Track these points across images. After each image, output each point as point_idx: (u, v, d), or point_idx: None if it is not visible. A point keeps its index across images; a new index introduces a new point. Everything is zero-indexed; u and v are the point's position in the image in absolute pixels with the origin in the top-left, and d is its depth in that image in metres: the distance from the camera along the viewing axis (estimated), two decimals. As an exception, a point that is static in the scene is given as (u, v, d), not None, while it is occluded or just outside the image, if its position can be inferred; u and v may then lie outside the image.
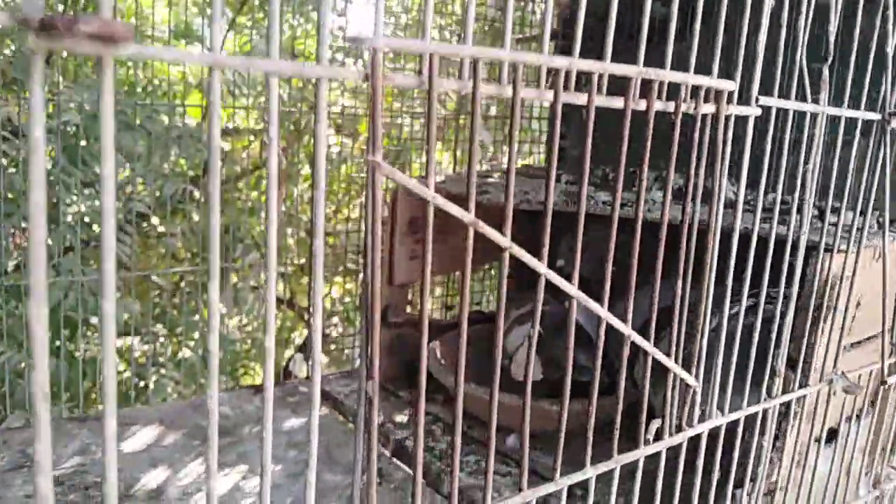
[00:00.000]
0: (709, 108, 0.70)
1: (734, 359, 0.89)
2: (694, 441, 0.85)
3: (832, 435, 1.18)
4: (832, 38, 0.82)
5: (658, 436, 0.81)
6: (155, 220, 3.21)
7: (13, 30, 2.67)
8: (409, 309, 1.98)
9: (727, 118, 0.73)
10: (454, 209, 0.58)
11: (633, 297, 0.71)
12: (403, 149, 2.71)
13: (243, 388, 1.93)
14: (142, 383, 3.05)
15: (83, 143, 2.76)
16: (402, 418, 1.74)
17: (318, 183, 0.48)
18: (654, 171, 1.66)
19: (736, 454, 0.96)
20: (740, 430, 0.93)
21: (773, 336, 0.94)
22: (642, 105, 0.65)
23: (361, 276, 3.17)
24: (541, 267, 0.62)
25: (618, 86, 0.64)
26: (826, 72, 0.83)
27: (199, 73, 3.21)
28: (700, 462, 0.87)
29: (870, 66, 0.91)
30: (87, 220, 3.05)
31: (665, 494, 0.81)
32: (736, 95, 0.72)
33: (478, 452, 1.55)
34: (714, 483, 0.92)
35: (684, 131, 0.69)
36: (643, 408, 0.78)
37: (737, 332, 0.87)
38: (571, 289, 0.64)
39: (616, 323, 0.69)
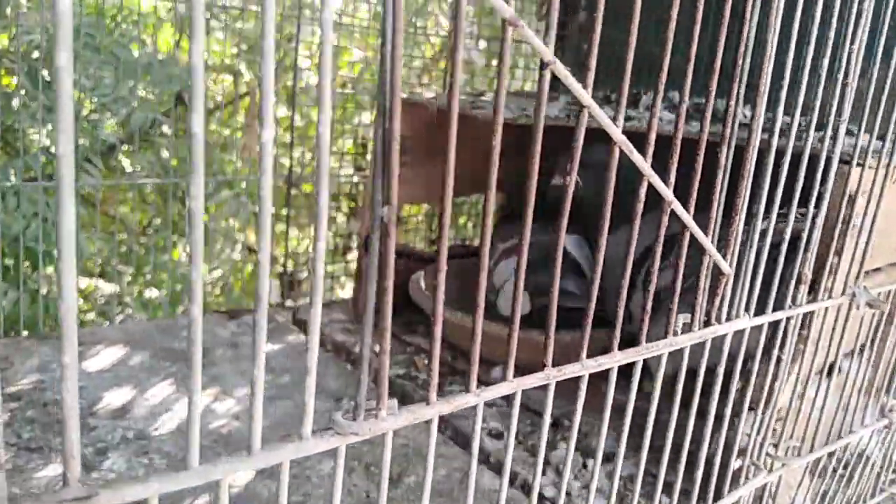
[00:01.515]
0: None
1: (762, 268, 0.81)
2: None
3: (830, 370, 1.12)
4: None
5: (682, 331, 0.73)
6: (122, 155, 3.07)
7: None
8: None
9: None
10: (604, 119, 0.50)
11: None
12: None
13: (217, 312, 1.84)
14: (105, 324, 2.93)
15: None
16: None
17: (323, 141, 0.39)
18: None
19: (756, 367, 0.90)
20: (762, 338, 0.87)
21: (800, 252, 0.87)
22: None
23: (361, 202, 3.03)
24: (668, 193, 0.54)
25: None
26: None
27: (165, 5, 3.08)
28: (720, 373, 0.80)
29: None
30: (52, 150, 2.91)
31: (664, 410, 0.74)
32: None
33: (462, 384, 1.47)
34: (729, 404, 0.85)
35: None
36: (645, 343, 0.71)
37: (764, 250, 0.81)
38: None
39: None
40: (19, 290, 2.35)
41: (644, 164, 0.60)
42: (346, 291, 3.20)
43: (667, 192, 0.64)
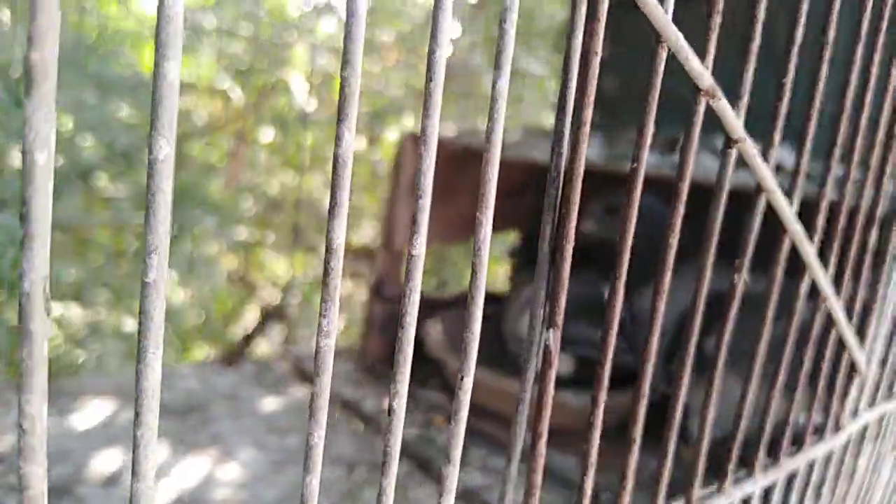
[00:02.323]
0: None
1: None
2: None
3: None
4: None
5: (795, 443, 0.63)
6: (103, 178, 2.93)
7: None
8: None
9: None
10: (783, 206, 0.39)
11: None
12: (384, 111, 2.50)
13: (210, 361, 1.71)
14: (81, 358, 2.78)
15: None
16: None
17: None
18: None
19: (861, 462, 0.79)
20: (870, 432, 0.77)
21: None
22: None
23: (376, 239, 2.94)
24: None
25: None
26: None
27: (151, 24, 2.96)
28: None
29: None
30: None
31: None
32: None
33: (485, 447, 1.36)
34: None
35: None
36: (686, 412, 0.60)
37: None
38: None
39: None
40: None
41: (812, 255, 0.50)
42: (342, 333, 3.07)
43: (826, 288, 0.53)
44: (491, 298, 1.84)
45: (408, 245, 0.32)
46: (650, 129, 0.39)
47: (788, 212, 0.47)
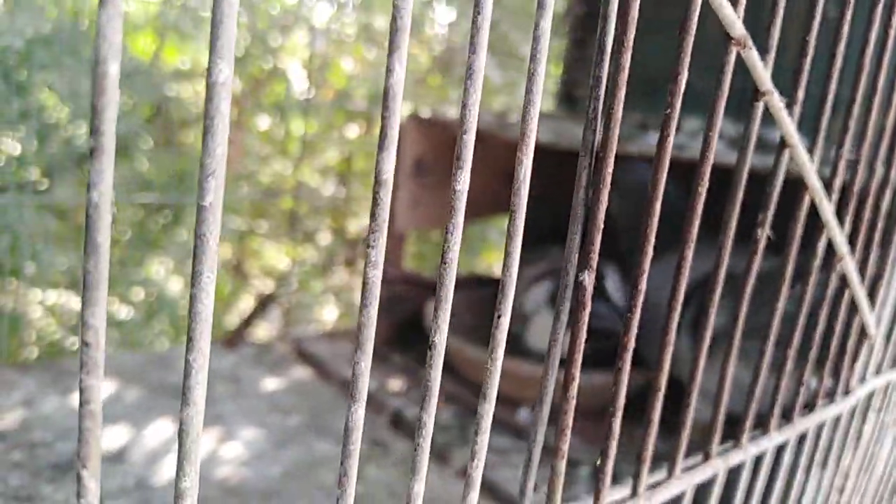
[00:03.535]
0: None
1: None
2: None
3: None
4: None
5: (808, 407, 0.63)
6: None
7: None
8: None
9: None
10: (807, 165, 0.40)
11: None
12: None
13: (213, 342, 1.71)
14: (76, 345, 2.77)
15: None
16: (396, 385, 1.55)
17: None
18: (696, 114, 1.51)
19: (866, 428, 0.80)
20: (875, 400, 0.77)
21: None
22: None
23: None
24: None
25: None
26: None
27: (146, 10, 2.95)
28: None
29: None
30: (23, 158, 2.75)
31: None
32: None
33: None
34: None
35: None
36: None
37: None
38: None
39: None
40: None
41: (830, 213, 0.51)
42: (332, 313, 3.07)
43: (842, 247, 0.54)
44: (491, 281, 1.84)
45: (453, 182, 0.33)
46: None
47: (810, 167, 0.48)
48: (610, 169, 0.38)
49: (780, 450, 0.58)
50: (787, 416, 0.58)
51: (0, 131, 2.50)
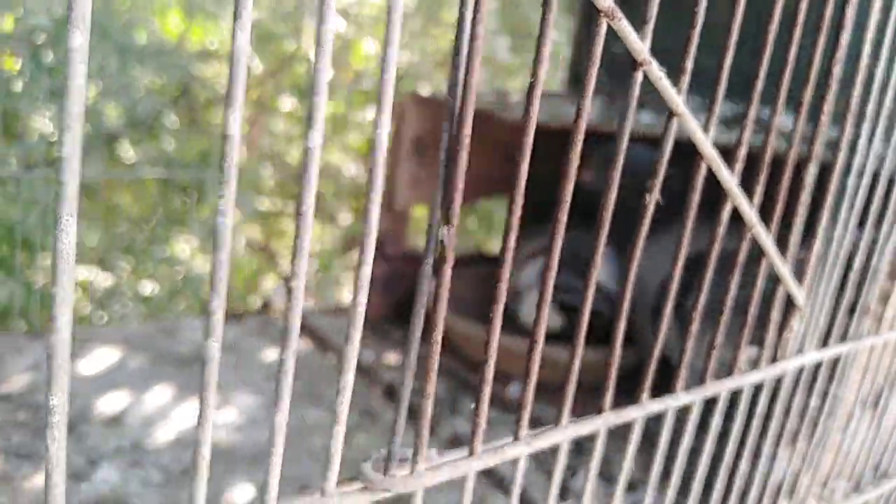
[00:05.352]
0: None
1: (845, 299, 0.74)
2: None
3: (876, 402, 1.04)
4: None
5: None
6: (125, 144, 2.99)
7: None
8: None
9: None
10: (697, 132, 0.43)
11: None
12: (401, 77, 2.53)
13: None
14: (104, 318, 2.86)
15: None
16: (392, 359, 1.59)
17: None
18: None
19: (812, 401, 0.82)
20: (823, 372, 0.79)
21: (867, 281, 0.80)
22: None
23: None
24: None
25: None
26: None
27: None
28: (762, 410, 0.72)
29: None
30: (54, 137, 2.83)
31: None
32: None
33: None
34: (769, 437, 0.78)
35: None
36: (681, 359, 0.63)
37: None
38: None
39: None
40: (14, 281, 2.28)
41: (732, 182, 0.53)
42: (348, 293, 3.12)
43: (751, 216, 0.56)
44: (490, 259, 1.87)
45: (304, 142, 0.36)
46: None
47: (701, 135, 0.50)
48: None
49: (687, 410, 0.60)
50: (701, 380, 0.60)
51: (30, 110, 2.57)
